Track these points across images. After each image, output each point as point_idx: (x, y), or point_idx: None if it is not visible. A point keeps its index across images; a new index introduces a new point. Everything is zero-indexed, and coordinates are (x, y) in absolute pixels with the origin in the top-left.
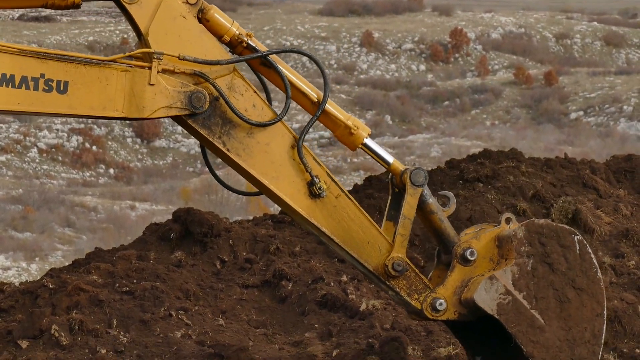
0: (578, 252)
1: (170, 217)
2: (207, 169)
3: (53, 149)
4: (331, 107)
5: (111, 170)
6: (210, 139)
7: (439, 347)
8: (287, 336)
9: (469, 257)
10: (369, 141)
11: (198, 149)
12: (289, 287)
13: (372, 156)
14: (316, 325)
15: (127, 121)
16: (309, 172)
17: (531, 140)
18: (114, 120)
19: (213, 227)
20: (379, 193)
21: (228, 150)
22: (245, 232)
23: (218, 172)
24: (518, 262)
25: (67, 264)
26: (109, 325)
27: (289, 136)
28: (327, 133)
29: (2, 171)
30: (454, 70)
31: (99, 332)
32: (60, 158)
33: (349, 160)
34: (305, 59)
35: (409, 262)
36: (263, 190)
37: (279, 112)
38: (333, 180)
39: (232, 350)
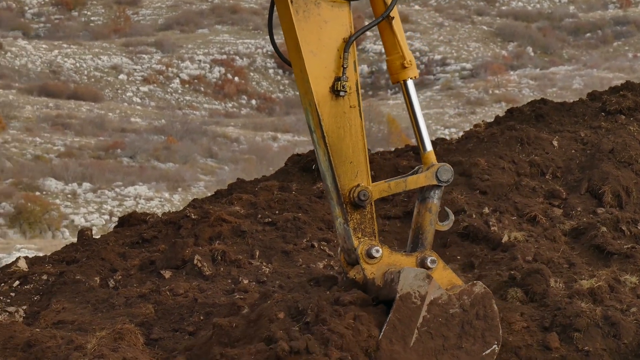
0: (484, 354)
1: (312, 148)
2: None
3: (195, 80)
4: (399, 32)
5: (253, 101)
6: None
7: (581, 279)
8: None
9: (429, 264)
10: (411, 84)
11: None
12: None
13: (409, 113)
14: (458, 257)
15: None
16: (343, 68)
17: None
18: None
19: None
20: (520, 124)
21: (291, 1)
22: (386, 163)
23: None
24: (451, 298)
25: (209, 194)
26: (251, 256)
27: (347, 28)
28: (469, 64)
29: (145, 102)
30: (596, 2)
31: (242, 263)
32: (202, 89)
33: (490, 92)
34: None
35: (374, 207)
36: (294, 60)
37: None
38: (358, 93)
39: None
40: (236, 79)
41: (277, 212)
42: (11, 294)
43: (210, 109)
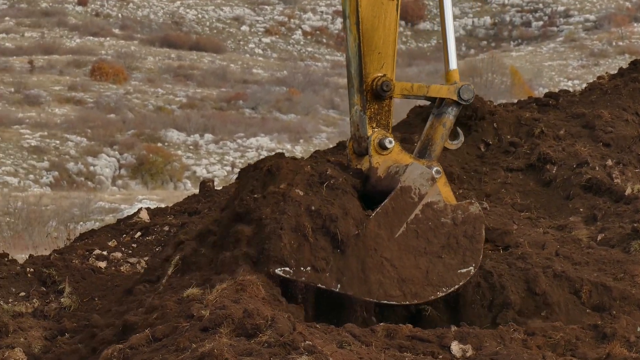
0: (459, 271)
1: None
2: (472, 52)
3: (317, 31)
4: None
5: None
6: None
7: None
8: (552, 220)
9: (434, 173)
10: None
11: (463, 32)
12: (554, 171)
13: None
14: (581, 209)
15: None
16: None
17: None
18: None
19: (477, 110)
20: None
21: None
22: (509, 115)
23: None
24: (447, 207)
25: (331, 145)
26: None
27: None
28: (592, 16)
29: (267, 53)
30: None
31: None
32: (324, 40)
33: (614, 43)
34: None
35: (393, 102)
36: None
37: None
38: None
39: (496, 234)
40: None
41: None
42: (133, 245)
43: (332, 60)
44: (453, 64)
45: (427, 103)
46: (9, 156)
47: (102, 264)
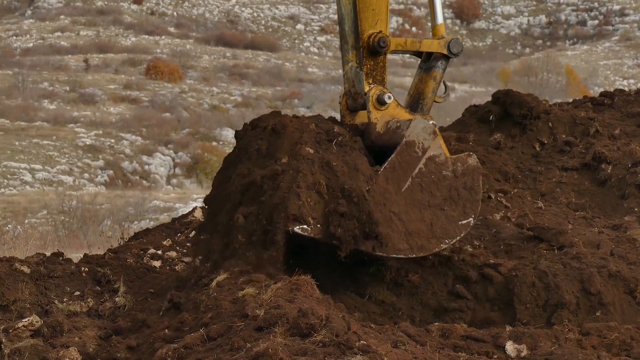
0: (460, 223)
1: (489, 98)
2: (527, 51)
3: None
4: None
5: None
6: None
7: None
8: (607, 219)
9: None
10: None
11: (518, 31)
12: (609, 170)
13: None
14: (636, 209)
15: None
16: None
17: None
18: None
19: (532, 109)
20: None
21: None
22: (564, 114)
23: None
24: (447, 160)
25: None
26: None
27: None
28: None
29: (322, 52)
30: None
31: None
32: None
33: None
34: None
35: (387, 57)
36: None
37: None
38: None
39: (551, 233)
40: (413, 29)
41: None
42: (187, 244)
43: (388, 59)
44: (439, 18)
45: (483, 102)
46: (64, 155)
47: (157, 263)
